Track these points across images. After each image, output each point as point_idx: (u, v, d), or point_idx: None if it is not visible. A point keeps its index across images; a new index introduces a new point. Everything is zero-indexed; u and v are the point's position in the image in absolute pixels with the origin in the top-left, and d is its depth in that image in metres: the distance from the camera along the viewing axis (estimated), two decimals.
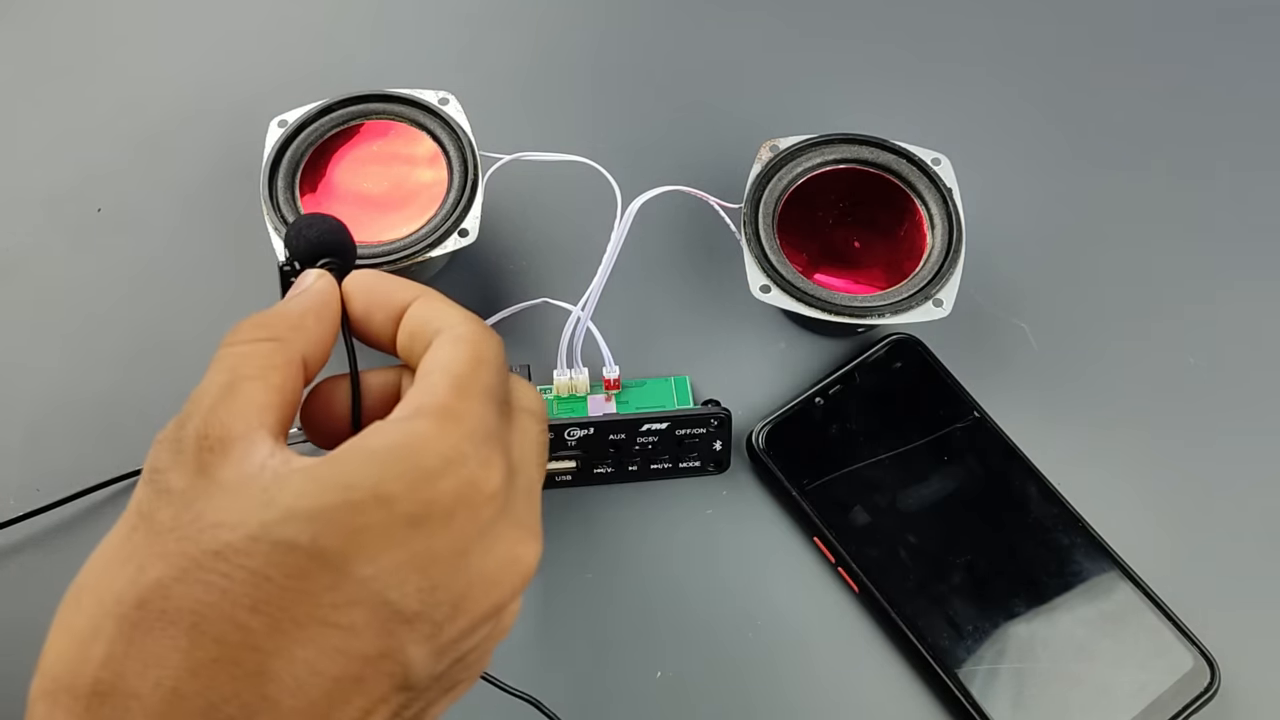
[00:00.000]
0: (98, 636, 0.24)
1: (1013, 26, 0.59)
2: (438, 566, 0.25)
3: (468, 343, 0.28)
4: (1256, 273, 0.52)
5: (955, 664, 0.41)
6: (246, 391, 0.27)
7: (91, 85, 0.57)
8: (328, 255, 0.32)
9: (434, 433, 0.25)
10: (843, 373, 0.47)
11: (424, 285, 0.31)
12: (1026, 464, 0.45)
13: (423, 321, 0.29)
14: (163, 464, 0.26)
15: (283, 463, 0.25)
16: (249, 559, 0.23)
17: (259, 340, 0.28)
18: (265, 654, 0.23)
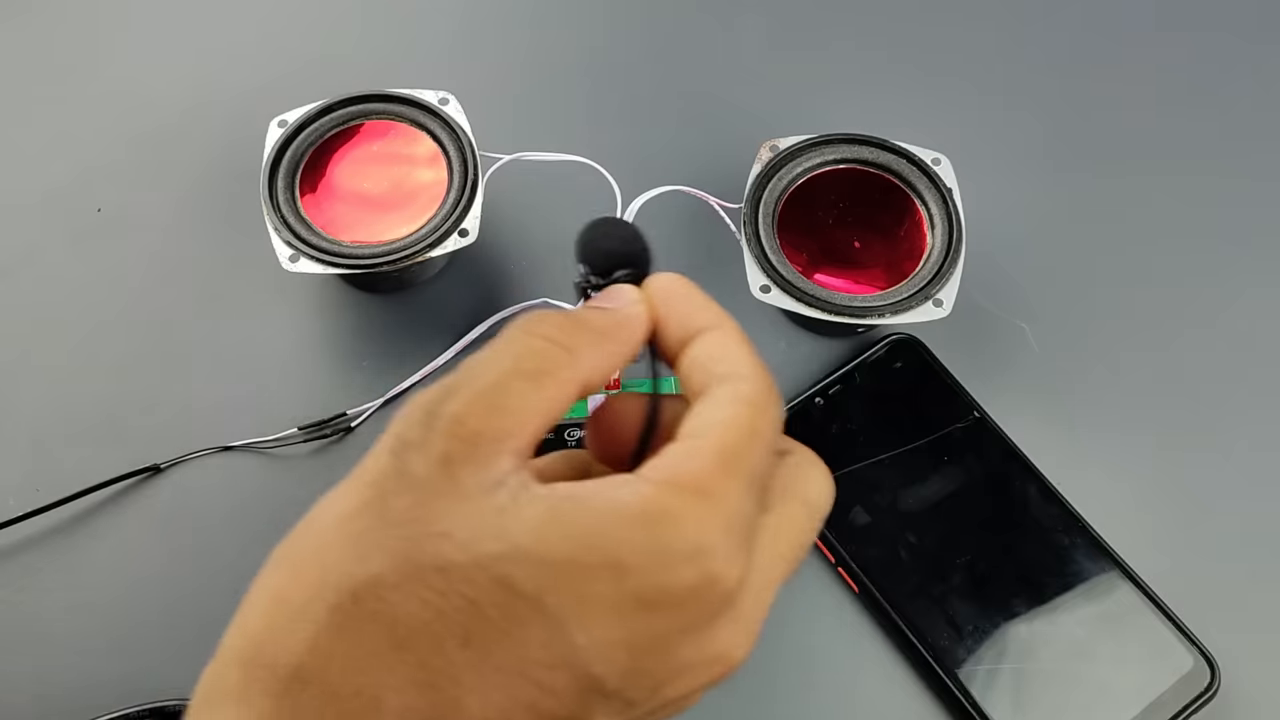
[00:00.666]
0: (307, 617, 0.23)
1: (1013, 27, 0.59)
2: (649, 653, 0.24)
3: (747, 407, 0.25)
4: (1257, 273, 0.52)
5: (955, 664, 0.41)
6: (519, 391, 0.25)
7: (91, 85, 0.57)
8: (627, 266, 0.29)
9: (689, 514, 0.23)
10: (843, 373, 0.47)
11: (725, 313, 0.28)
12: (1026, 464, 0.45)
13: (711, 358, 0.27)
14: (413, 437, 0.24)
15: (520, 484, 0.24)
16: (469, 587, 0.22)
17: (555, 343, 0.26)
18: (464, 689, 0.22)
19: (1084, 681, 0.41)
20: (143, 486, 0.46)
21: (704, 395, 0.26)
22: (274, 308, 0.50)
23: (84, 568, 0.44)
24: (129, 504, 0.46)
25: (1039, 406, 0.48)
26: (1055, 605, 0.42)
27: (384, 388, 0.48)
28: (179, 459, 0.46)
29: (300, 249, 0.45)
